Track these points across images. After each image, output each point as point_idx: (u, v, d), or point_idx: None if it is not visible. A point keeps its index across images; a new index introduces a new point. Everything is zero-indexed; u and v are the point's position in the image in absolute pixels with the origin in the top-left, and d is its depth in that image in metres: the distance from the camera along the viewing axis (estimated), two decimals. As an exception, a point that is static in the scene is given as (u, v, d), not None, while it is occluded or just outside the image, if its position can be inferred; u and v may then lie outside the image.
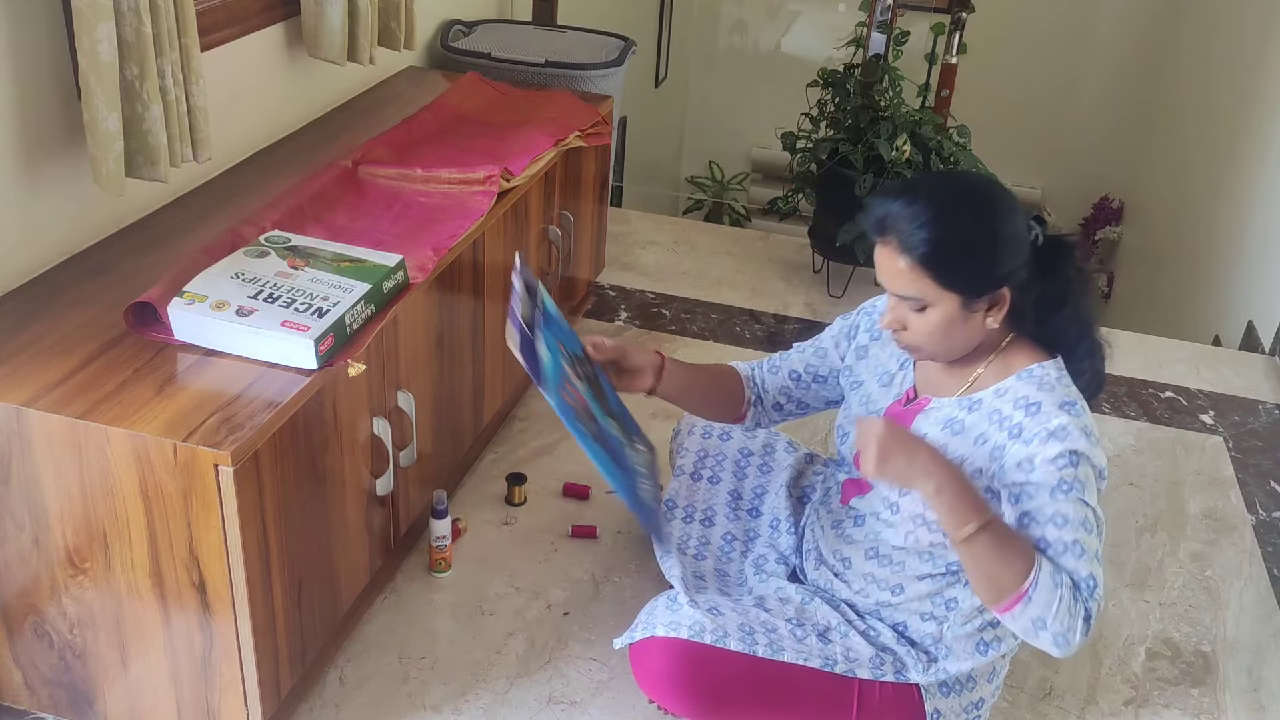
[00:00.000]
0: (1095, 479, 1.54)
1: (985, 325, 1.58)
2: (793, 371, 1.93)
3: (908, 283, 1.54)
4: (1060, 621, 1.47)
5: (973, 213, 1.55)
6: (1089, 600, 1.48)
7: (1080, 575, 1.49)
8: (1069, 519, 1.50)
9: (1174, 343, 3.47)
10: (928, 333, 1.57)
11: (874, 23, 3.44)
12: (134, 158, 1.92)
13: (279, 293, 1.75)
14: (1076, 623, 1.47)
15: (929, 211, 1.52)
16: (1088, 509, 1.51)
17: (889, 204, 1.55)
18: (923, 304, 1.55)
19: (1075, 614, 1.47)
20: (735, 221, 5.64)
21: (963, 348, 1.61)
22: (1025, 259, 1.56)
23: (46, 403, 1.58)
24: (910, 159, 3.16)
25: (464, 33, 3.31)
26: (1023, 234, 1.56)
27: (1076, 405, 1.56)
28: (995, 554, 1.48)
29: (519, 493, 2.43)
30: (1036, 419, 1.53)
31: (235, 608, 1.63)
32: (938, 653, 1.70)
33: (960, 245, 1.52)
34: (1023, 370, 1.60)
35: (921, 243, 1.51)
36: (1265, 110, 3.98)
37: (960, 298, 1.54)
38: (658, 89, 5.65)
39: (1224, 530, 2.57)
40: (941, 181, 1.64)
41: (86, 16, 1.75)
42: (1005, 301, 1.56)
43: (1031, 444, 1.53)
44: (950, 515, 1.49)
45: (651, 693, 1.72)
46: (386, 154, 2.38)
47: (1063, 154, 5.78)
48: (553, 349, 1.69)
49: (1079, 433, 1.52)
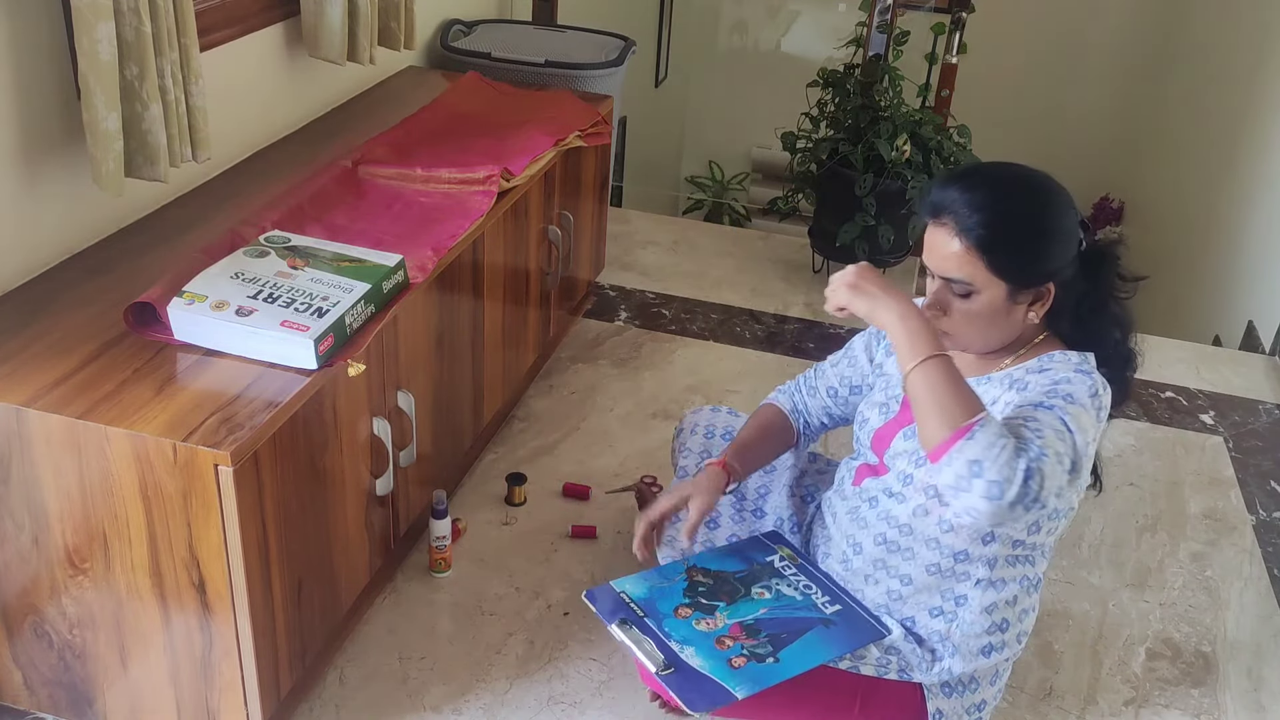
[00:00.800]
0: (1092, 425, 1.50)
1: (1026, 319, 1.60)
2: (830, 388, 1.95)
3: (958, 265, 1.55)
4: (998, 469, 1.37)
5: (1030, 203, 1.57)
6: (1035, 460, 1.39)
7: (1032, 444, 1.42)
8: (1039, 420, 1.47)
9: (1174, 343, 3.47)
10: (969, 319, 1.58)
11: (874, 23, 3.45)
12: (133, 157, 1.92)
13: (279, 293, 1.74)
14: (1015, 474, 1.37)
15: (989, 197, 1.54)
16: (1063, 424, 1.46)
17: (948, 189, 1.57)
18: (969, 289, 1.56)
19: (1015, 467, 1.38)
20: (735, 221, 5.64)
21: (999, 340, 1.62)
22: (1073, 257, 1.58)
23: (46, 403, 1.57)
24: (910, 159, 3.16)
25: (464, 33, 3.31)
26: (1074, 232, 1.59)
27: (1092, 376, 1.55)
28: (948, 384, 1.44)
29: (519, 493, 2.43)
30: (1045, 374, 1.56)
31: (235, 607, 1.63)
32: (944, 651, 1.70)
33: (1016, 233, 1.54)
34: (1044, 355, 1.62)
35: (978, 225, 1.53)
36: (1265, 110, 3.98)
37: (1008, 286, 1.55)
38: (658, 89, 5.65)
39: (1224, 530, 2.57)
40: (1001, 170, 1.65)
41: (86, 16, 1.75)
42: (1049, 296, 1.58)
43: (1029, 387, 1.55)
44: (909, 343, 1.48)
45: (654, 686, 1.72)
46: (386, 154, 2.38)
47: (1063, 154, 5.76)
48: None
49: (1083, 386, 1.52)
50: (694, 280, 3.49)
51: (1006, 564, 1.66)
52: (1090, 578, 2.39)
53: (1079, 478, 1.47)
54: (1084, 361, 1.60)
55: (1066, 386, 1.52)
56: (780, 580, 1.78)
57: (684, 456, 2.12)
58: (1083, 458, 1.47)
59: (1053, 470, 1.40)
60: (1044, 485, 1.39)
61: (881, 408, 1.79)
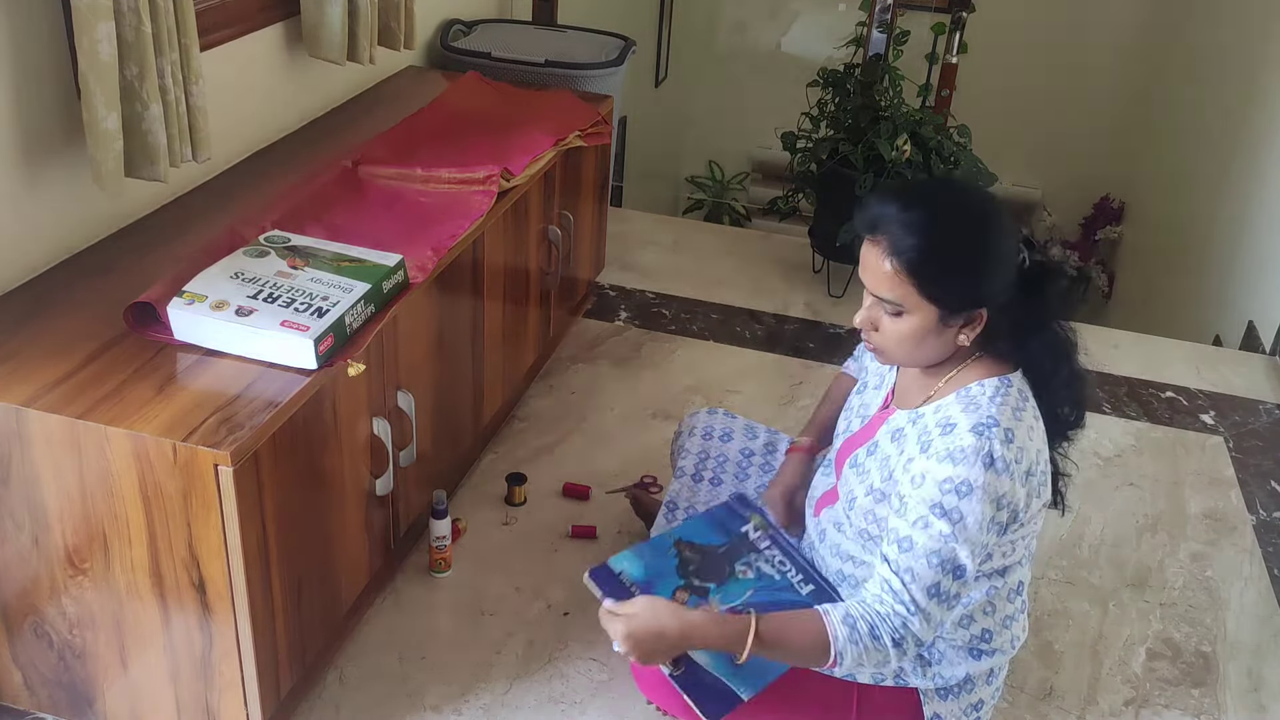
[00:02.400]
0: (997, 509, 1.49)
1: (956, 341, 1.56)
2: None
3: (889, 286, 1.53)
4: (872, 663, 1.50)
5: (967, 228, 1.53)
6: (900, 627, 1.48)
7: (888, 603, 1.49)
8: (915, 546, 1.48)
9: (1174, 343, 3.46)
10: (899, 339, 1.56)
11: (874, 22, 3.44)
12: (133, 157, 1.92)
13: (279, 292, 1.74)
14: (888, 654, 1.49)
15: (924, 219, 1.50)
16: (949, 546, 1.47)
17: (886, 205, 1.53)
18: (899, 309, 1.54)
19: (882, 648, 1.48)
20: (735, 221, 5.64)
21: (930, 358, 1.60)
22: (1010, 281, 1.56)
23: (46, 402, 1.57)
24: (910, 159, 3.16)
25: (464, 32, 3.31)
26: (1011, 256, 1.55)
27: (994, 428, 1.49)
28: (785, 646, 1.52)
29: (519, 493, 2.43)
30: (946, 438, 1.52)
31: (235, 607, 1.62)
32: (931, 658, 1.70)
33: (949, 259, 1.51)
34: (963, 389, 1.58)
35: (910, 249, 1.49)
36: (1265, 110, 3.98)
37: (939, 310, 1.53)
38: (658, 89, 5.65)
39: (1224, 530, 2.57)
40: (941, 191, 1.62)
41: (86, 16, 1.75)
42: (981, 321, 1.54)
43: (929, 460, 1.51)
44: (722, 647, 1.53)
45: (651, 695, 1.72)
46: (386, 154, 2.38)
47: (1063, 154, 5.78)
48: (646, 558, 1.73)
49: (977, 460, 1.47)
50: (694, 280, 3.49)
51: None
52: (1090, 578, 2.39)
53: (962, 579, 1.50)
54: (995, 396, 1.53)
55: (955, 469, 1.48)
56: (759, 556, 1.79)
57: (683, 458, 2.12)
58: (964, 561, 1.49)
59: (919, 624, 1.49)
60: (919, 639, 1.49)
61: (858, 417, 1.78)
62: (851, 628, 1.49)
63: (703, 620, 1.52)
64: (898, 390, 1.71)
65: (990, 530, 1.50)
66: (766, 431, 2.12)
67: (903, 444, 1.60)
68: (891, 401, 1.71)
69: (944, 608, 1.51)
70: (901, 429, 1.63)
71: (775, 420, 2.76)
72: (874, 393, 1.78)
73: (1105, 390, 3.06)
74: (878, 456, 1.65)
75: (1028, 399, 1.57)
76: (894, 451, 1.62)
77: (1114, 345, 3.32)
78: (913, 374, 1.67)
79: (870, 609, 1.50)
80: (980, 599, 1.66)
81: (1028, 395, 1.58)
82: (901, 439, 1.61)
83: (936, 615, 1.50)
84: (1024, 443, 1.52)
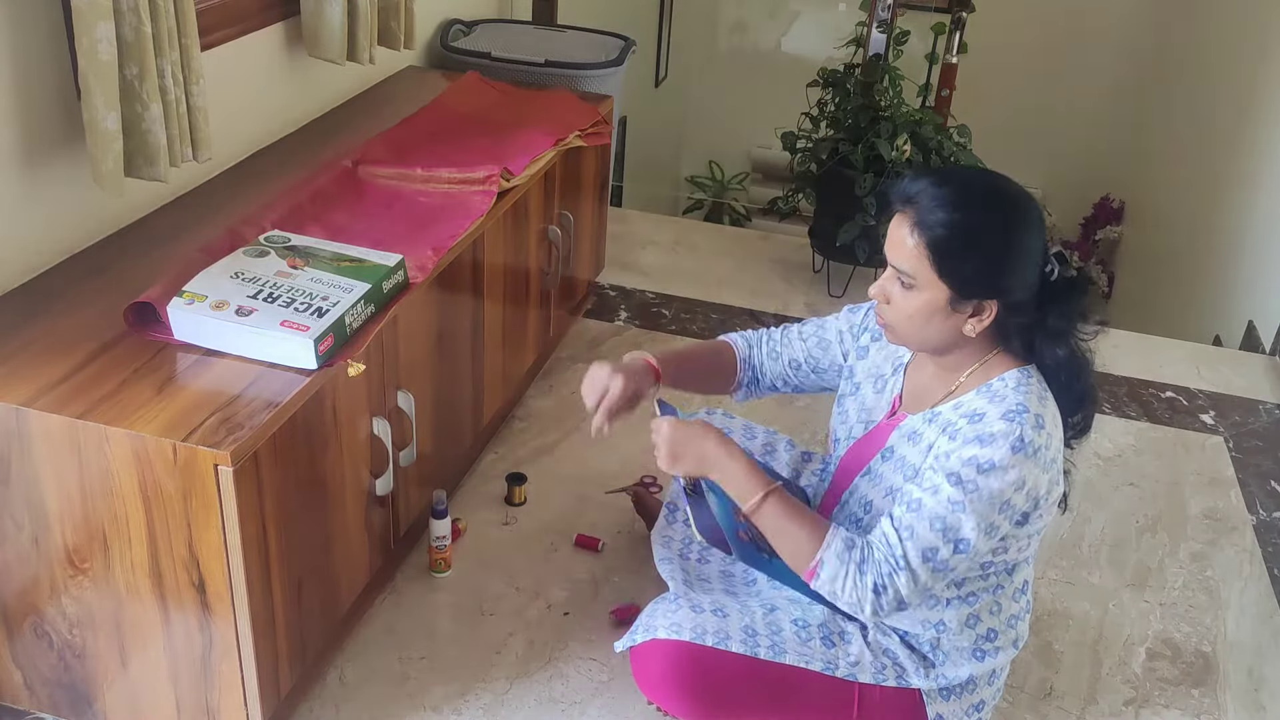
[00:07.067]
0: (1016, 491, 1.50)
1: (963, 331, 1.56)
2: (793, 360, 1.93)
3: (908, 258, 1.54)
4: (847, 593, 1.53)
5: (995, 214, 1.54)
6: (886, 576, 1.51)
7: (882, 551, 1.52)
8: (922, 507, 1.50)
9: (1174, 342, 3.46)
10: (907, 314, 1.57)
11: (874, 22, 3.44)
12: (133, 157, 1.92)
13: (278, 292, 1.74)
14: (865, 594, 1.51)
15: (956, 198, 1.52)
16: (955, 514, 1.49)
17: (921, 180, 1.56)
18: (913, 283, 1.55)
19: (863, 586, 1.51)
20: (735, 221, 5.64)
21: (935, 343, 1.60)
22: (1030, 283, 1.55)
23: (46, 402, 1.57)
24: (910, 159, 3.16)
25: (464, 32, 3.31)
26: (1035, 255, 1.55)
27: (1024, 413, 1.51)
28: (783, 523, 1.57)
29: (519, 493, 2.43)
30: (975, 425, 1.53)
31: (235, 607, 1.62)
32: (935, 659, 1.70)
33: (970, 241, 1.52)
34: (984, 385, 1.58)
35: (936, 224, 1.51)
36: (1265, 110, 3.98)
37: (950, 292, 1.53)
38: (658, 89, 5.65)
39: (1224, 530, 2.57)
40: (977, 176, 1.63)
41: (86, 16, 1.75)
42: (990, 314, 1.54)
43: (956, 442, 1.53)
44: (736, 490, 1.60)
45: (652, 695, 1.71)
46: (386, 154, 2.38)
47: (1063, 154, 5.78)
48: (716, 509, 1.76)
49: (1006, 443, 1.49)
50: (694, 280, 3.49)
51: (979, 579, 1.65)
52: (1090, 578, 2.39)
53: (964, 553, 1.51)
54: (1019, 386, 1.55)
55: (981, 449, 1.49)
56: None
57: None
58: (971, 536, 1.50)
59: (906, 581, 1.51)
60: (901, 598, 1.52)
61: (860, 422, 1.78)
62: (847, 548, 1.54)
63: (739, 455, 1.61)
64: (908, 394, 1.71)
65: (1004, 512, 1.51)
66: (765, 432, 2.12)
67: (920, 441, 1.61)
68: (900, 408, 1.71)
69: (936, 575, 1.53)
70: (917, 431, 1.63)
71: (774, 420, 2.75)
72: (875, 396, 1.78)
73: (1105, 390, 3.06)
74: (893, 461, 1.65)
75: (1048, 390, 1.59)
76: (911, 451, 1.62)
77: (1114, 345, 3.31)
78: (929, 372, 1.67)
79: (871, 549, 1.54)
80: (987, 599, 1.66)
81: (1047, 387, 1.59)
82: (918, 440, 1.62)
83: (924, 579, 1.52)
84: (1052, 429, 1.54)
